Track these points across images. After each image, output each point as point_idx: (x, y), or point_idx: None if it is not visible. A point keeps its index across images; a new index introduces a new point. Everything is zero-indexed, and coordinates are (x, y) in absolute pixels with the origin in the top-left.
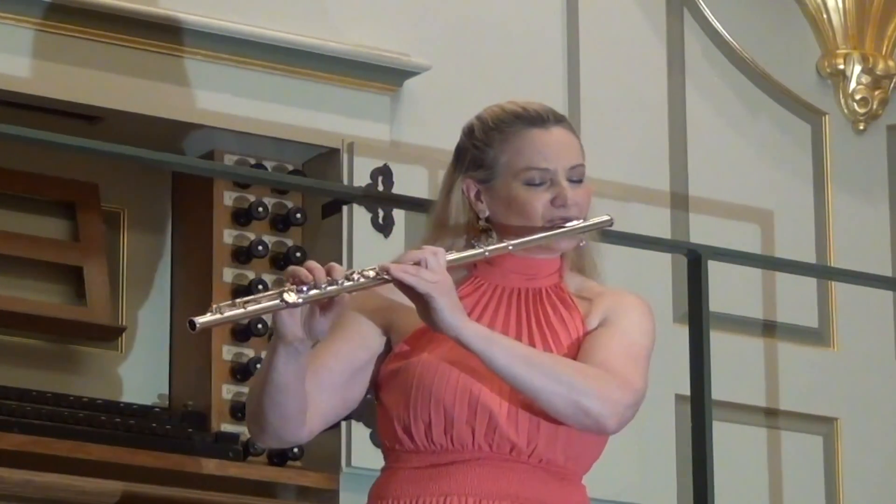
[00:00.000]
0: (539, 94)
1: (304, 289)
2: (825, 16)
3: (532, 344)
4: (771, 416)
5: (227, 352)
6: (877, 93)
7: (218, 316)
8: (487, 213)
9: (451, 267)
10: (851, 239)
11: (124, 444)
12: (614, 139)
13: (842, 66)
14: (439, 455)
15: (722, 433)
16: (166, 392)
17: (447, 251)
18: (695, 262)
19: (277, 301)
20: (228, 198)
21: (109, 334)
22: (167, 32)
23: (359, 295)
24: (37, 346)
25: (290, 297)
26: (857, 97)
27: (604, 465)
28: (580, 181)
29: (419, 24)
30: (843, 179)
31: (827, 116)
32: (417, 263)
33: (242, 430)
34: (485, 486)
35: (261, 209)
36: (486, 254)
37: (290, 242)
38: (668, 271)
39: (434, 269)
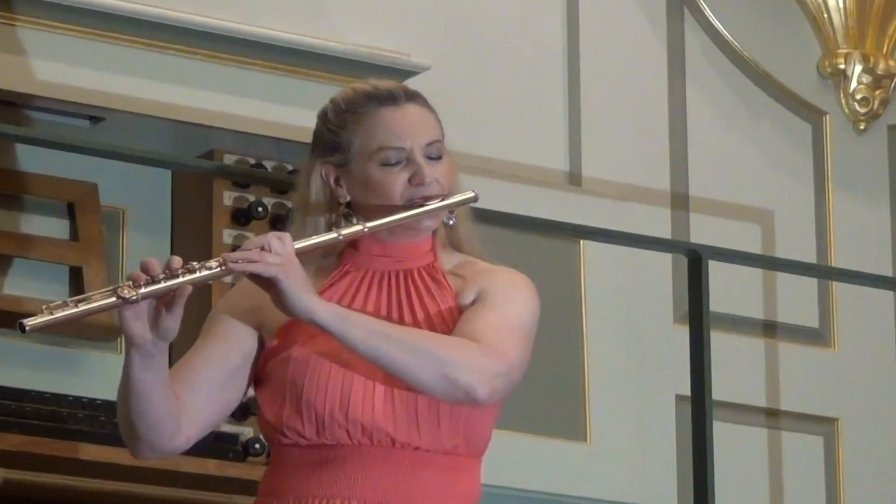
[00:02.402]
0: (539, 94)
1: (141, 284)
2: (826, 15)
3: (403, 325)
4: (771, 416)
5: None
6: (877, 92)
7: (49, 317)
8: (348, 198)
9: (308, 253)
10: (852, 239)
11: (123, 445)
12: (614, 139)
13: (842, 66)
14: (319, 451)
15: (722, 433)
16: None
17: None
18: (695, 262)
19: (113, 298)
20: (228, 198)
21: (109, 335)
22: (167, 32)
23: (228, 296)
24: (36, 346)
25: (126, 293)
26: (858, 97)
27: (604, 465)
28: (439, 157)
29: (419, 24)
30: (843, 179)
31: (827, 116)
32: (261, 249)
33: (242, 431)
34: (369, 487)
35: (260, 209)
36: (340, 237)
37: None
38: (668, 271)
39: (278, 253)
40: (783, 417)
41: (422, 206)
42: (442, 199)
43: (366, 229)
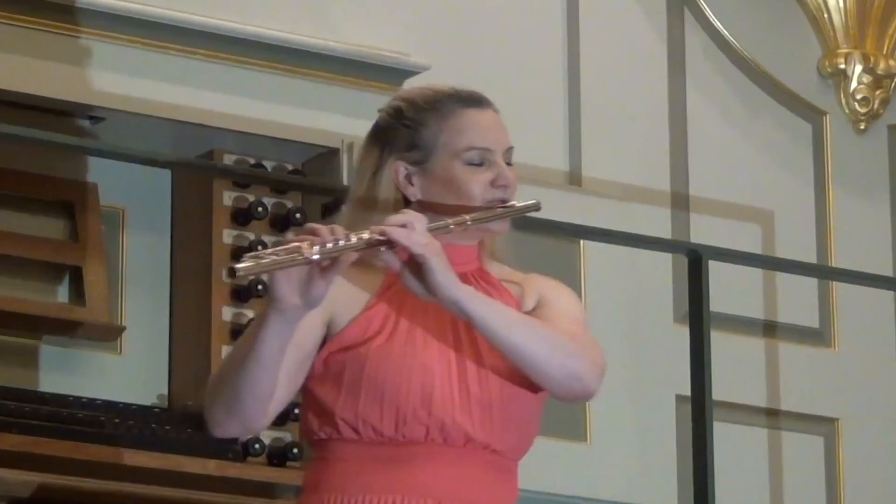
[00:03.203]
0: (539, 94)
1: (317, 247)
2: (826, 15)
3: (471, 328)
4: (772, 416)
5: (227, 352)
6: (878, 92)
7: (251, 263)
8: (420, 196)
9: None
10: (852, 239)
11: (123, 445)
12: (614, 139)
13: (843, 66)
14: (388, 447)
15: (722, 434)
16: (165, 392)
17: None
18: (695, 262)
19: (297, 256)
20: (228, 198)
21: (109, 334)
22: (167, 32)
23: None
24: (36, 346)
25: (308, 252)
26: (858, 97)
27: (604, 465)
28: (510, 164)
29: (419, 24)
30: (844, 179)
31: (828, 116)
32: (403, 226)
33: None
34: (441, 486)
35: (260, 209)
36: (451, 227)
37: None
38: (668, 271)
39: (422, 232)
40: (783, 417)
41: (497, 208)
42: (513, 204)
43: (469, 221)
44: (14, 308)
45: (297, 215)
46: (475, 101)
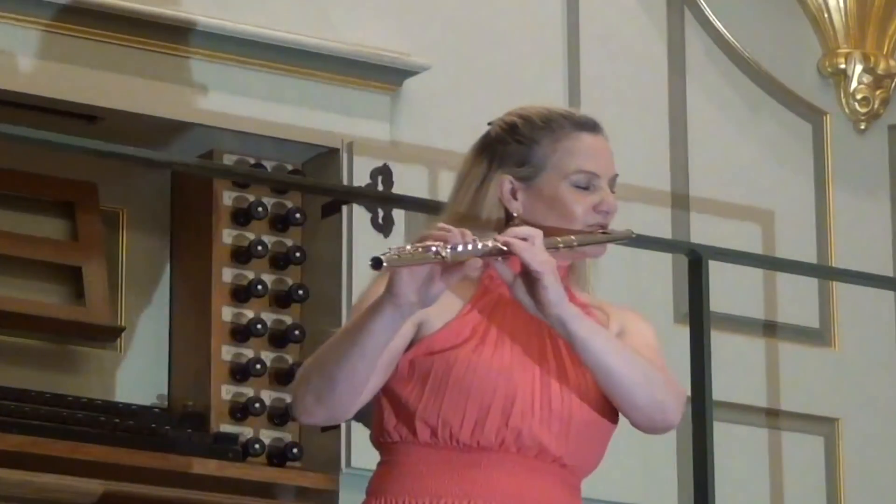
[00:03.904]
0: (539, 93)
1: (450, 248)
2: (826, 15)
3: (558, 346)
4: (772, 416)
5: (227, 352)
6: (878, 92)
7: (395, 255)
8: (521, 212)
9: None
10: (852, 239)
11: (123, 445)
12: (615, 139)
13: (843, 66)
14: (461, 453)
15: (723, 434)
16: (165, 392)
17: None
18: (695, 262)
19: (431, 254)
20: (228, 197)
21: (108, 334)
22: (167, 32)
23: None
24: (35, 346)
25: (444, 252)
26: (859, 97)
27: (604, 465)
28: (614, 192)
29: (419, 24)
30: (844, 179)
31: (828, 116)
32: (524, 239)
33: (242, 431)
34: (509, 490)
35: (260, 209)
36: (561, 246)
37: (289, 242)
38: (668, 271)
39: (541, 248)
40: (783, 417)
41: (597, 233)
42: (610, 231)
43: (575, 242)
44: (14, 308)
45: (297, 215)
46: (589, 125)
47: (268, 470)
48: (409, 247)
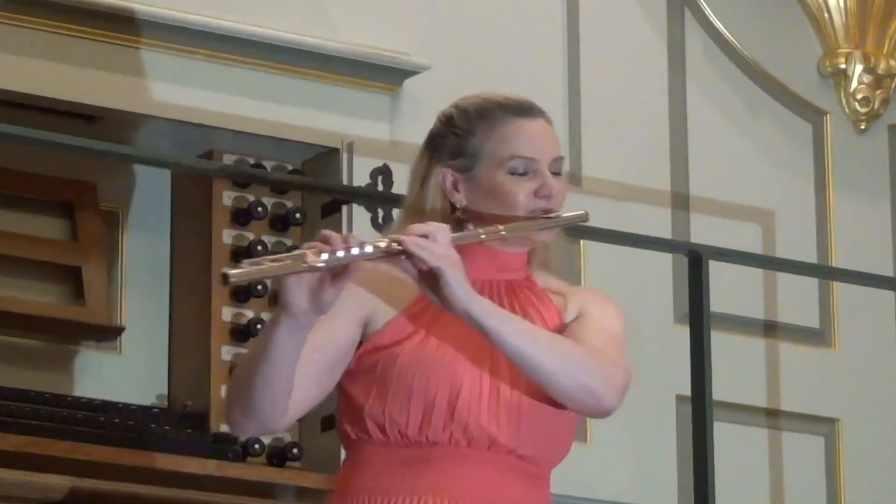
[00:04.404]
0: (539, 93)
1: (324, 254)
2: (826, 15)
3: None
4: (772, 416)
5: (227, 352)
6: (878, 92)
7: (248, 269)
8: (465, 203)
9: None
10: (853, 239)
11: (123, 445)
12: (614, 139)
13: (843, 66)
14: (413, 449)
15: (723, 434)
16: (165, 392)
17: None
18: (695, 262)
19: (301, 262)
20: (227, 198)
21: (108, 334)
22: (167, 32)
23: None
24: (35, 346)
25: (312, 260)
26: (859, 96)
27: (604, 465)
28: (559, 174)
29: (419, 24)
30: (844, 179)
31: (828, 116)
32: (424, 236)
33: None
34: (460, 486)
35: (260, 209)
36: (483, 237)
37: (289, 242)
38: (668, 271)
39: (442, 243)
40: (783, 418)
41: (540, 218)
42: (559, 215)
43: (503, 231)
44: (14, 308)
45: (297, 215)
46: (524, 110)
47: (267, 470)
48: (269, 258)
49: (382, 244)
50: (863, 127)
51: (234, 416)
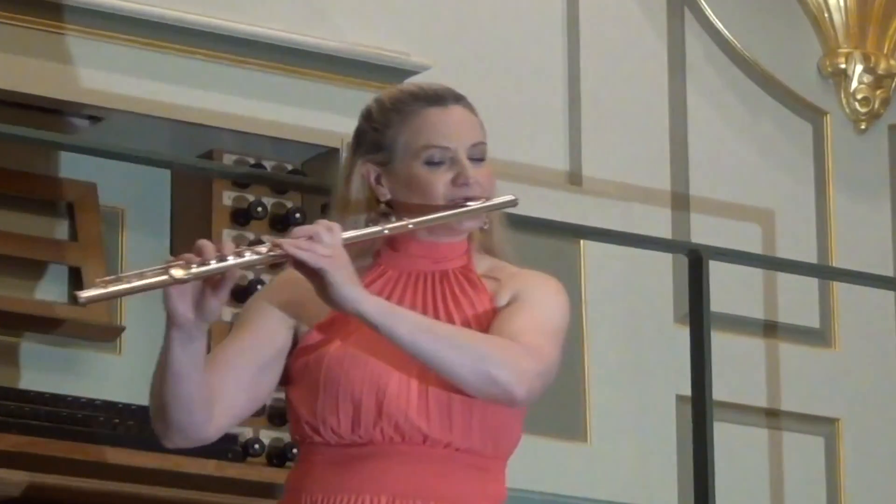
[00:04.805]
0: (539, 93)
1: (193, 264)
2: (826, 15)
3: None
4: (772, 416)
5: None
6: (878, 92)
7: (102, 290)
8: (388, 196)
9: (351, 246)
10: (853, 239)
11: (123, 445)
12: (615, 139)
13: (843, 66)
14: (350, 448)
15: (723, 434)
16: None
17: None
18: (695, 262)
19: (164, 277)
20: (227, 198)
21: (108, 334)
22: (167, 32)
23: (268, 288)
24: (35, 346)
25: (176, 272)
26: (859, 96)
27: (604, 465)
28: (482, 160)
29: (419, 24)
30: (844, 179)
31: (828, 116)
32: (310, 238)
33: (241, 431)
34: (399, 482)
35: (260, 209)
36: (386, 231)
37: None
38: (668, 271)
39: (327, 244)
40: (784, 418)
41: (463, 206)
42: (484, 201)
43: (410, 225)
44: (13, 308)
45: (297, 215)
46: (437, 98)
47: (267, 470)
48: (133, 273)
49: (264, 249)
50: (863, 127)
51: (158, 428)
